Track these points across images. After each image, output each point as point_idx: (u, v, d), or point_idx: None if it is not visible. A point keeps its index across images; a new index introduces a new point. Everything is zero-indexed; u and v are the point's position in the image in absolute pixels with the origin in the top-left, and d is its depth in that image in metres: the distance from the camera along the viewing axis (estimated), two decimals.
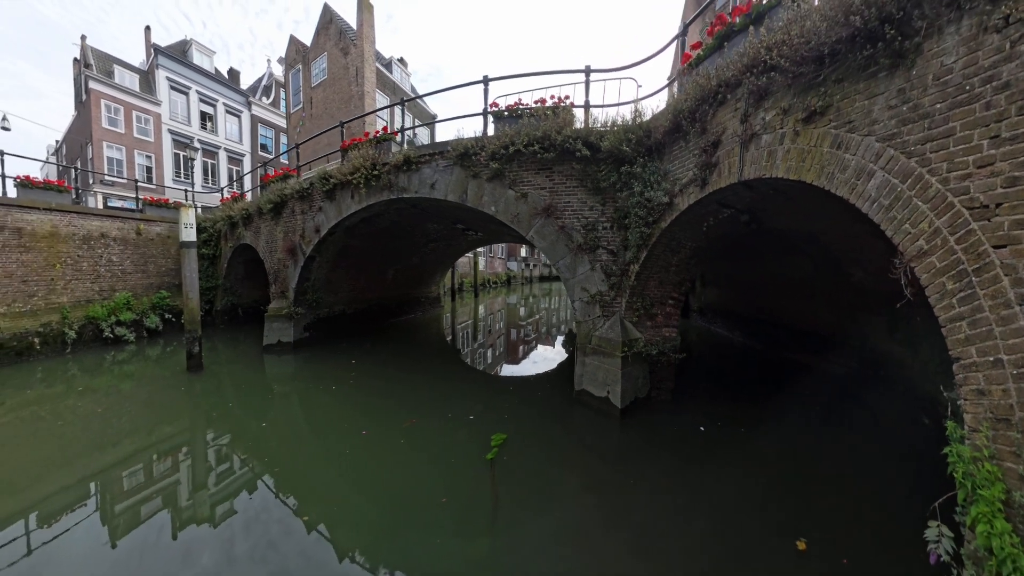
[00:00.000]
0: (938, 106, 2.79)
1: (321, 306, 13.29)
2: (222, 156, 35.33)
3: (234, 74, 37.45)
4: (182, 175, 32.85)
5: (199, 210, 19.22)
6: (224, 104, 34.80)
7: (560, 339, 15.81)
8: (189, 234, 9.76)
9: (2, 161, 12.55)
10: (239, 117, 36.23)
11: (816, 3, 3.66)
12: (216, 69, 35.48)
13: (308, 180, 11.29)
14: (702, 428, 6.44)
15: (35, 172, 42.78)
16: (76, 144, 32.91)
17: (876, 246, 5.03)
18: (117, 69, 29.12)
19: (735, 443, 6.07)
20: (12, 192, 12.60)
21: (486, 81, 8.24)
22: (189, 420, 7.56)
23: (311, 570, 3.74)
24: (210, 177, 34.81)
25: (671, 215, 5.59)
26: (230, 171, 36.10)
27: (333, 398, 8.24)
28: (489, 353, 13.64)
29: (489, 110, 8.17)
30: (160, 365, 11.30)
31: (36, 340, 11.29)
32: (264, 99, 37.94)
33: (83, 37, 28.82)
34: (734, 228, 5.94)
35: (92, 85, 27.82)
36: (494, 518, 4.35)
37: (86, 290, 13.11)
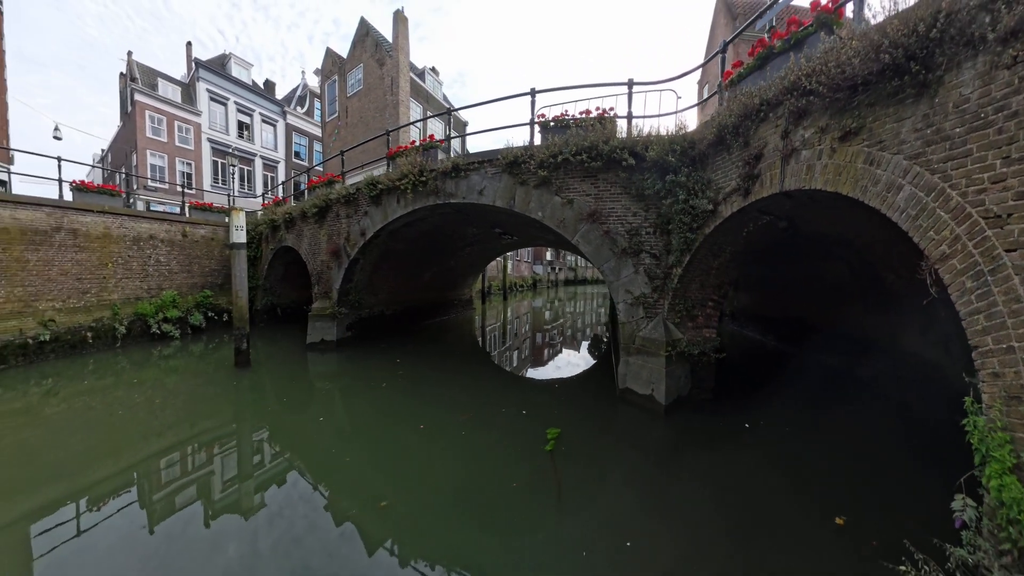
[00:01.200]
0: (957, 130, 3.17)
1: (362, 307, 13.89)
2: (258, 163, 36.57)
3: (270, 85, 38.81)
4: (220, 181, 34.16)
5: None
6: (260, 114, 36.09)
7: (586, 344, 16.30)
8: (239, 236, 10.30)
9: (59, 167, 13.50)
10: (274, 126, 37.49)
11: (848, 38, 4.04)
12: (253, 81, 36.79)
13: (355, 185, 11.84)
14: (747, 425, 6.76)
15: (82, 178, 44.82)
16: (121, 152, 34.40)
17: (907, 250, 5.42)
18: (160, 82, 30.58)
19: (775, 439, 6.42)
20: (68, 196, 13.50)
21: (533, 93, 8.77)
22: (245, 415, 8.03)
23: (403, 550, 4.11)
24: (246, 183, 36.03)
25: (715, 222, 5.99)
26: (265, 177, 37.32)
27: (385, 395, 8.66)
28: (525, 354, 14.15)
29: (536, 120, 8.68)
30: (205, 361, 11.96)
31: (89, 334, 12.16)
32: (299, 108, 39.19)
33: (129, 53, 30.25)
34: (771, 233, 6.34)
35: (137, 97, 29.23)
36: (560, 503, 4.76)
37: (135, 288, 14.01)
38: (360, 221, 11.71)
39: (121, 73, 32.64)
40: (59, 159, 13.62)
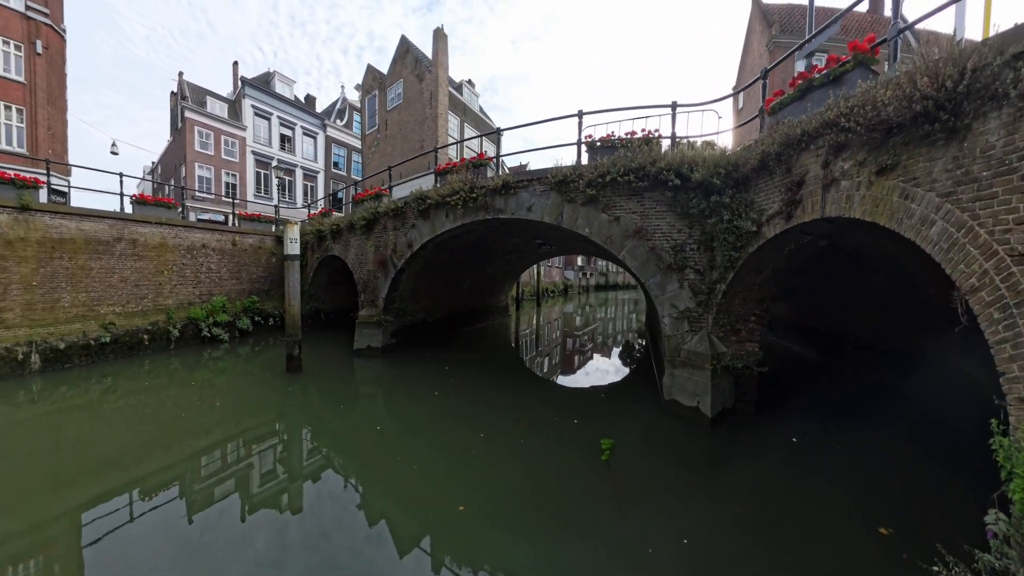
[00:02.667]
0: (984, 174, 3.46)
1: (406, 314, 14.51)
2: (298, 174, 37.90)
3: (310, 99, 40.29)
4: (263, 191, 35.51)
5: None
6: (302, 127, 37.47)
7: (622, 350, 16.69)
8: (293, 248, 10.96)
9: (121, 182, 14.51)
10: (315, 138, 38.84)
11: (883, 85, 4.35)
12: (295, 96, 38.29)
13: (403, 200, 12.42)
14: (794, 439, 6.96)
15: (134, 189, 46.85)
16: (171, 165, 36.08)
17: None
18: (209, 100, 32.16)
19: (821, 451, 6.63)
20: (128, 208, 14.51)
21: (580, 115, 9.25)
22: (302, 420, 8.51)
23: (485, 552, 4.51)
24: (287, 193, 37.38)
25: (758, 242, 6.31)
26: (305, 187, 38.65)
27: (440, 401, 9.07)
28: (566, 361, 14.66)
29: (584, 141, 9.13)
30: (253, 363, 12.78)
31: (145, 337, 13.08)
32: (338, 121, 40.53)
33: (180, 74, 31.89)
34: (812, 250, 6.60)
35: (187, 114, 30.74)
36: (621, 508, 5.21)
37: (188, 294, 14.95)
38: (407, 233, 12.31)
39: (172, 92, 34.41)
40: (120, 175, 14.62)
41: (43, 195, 12.95)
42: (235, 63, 35.08)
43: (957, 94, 3.60)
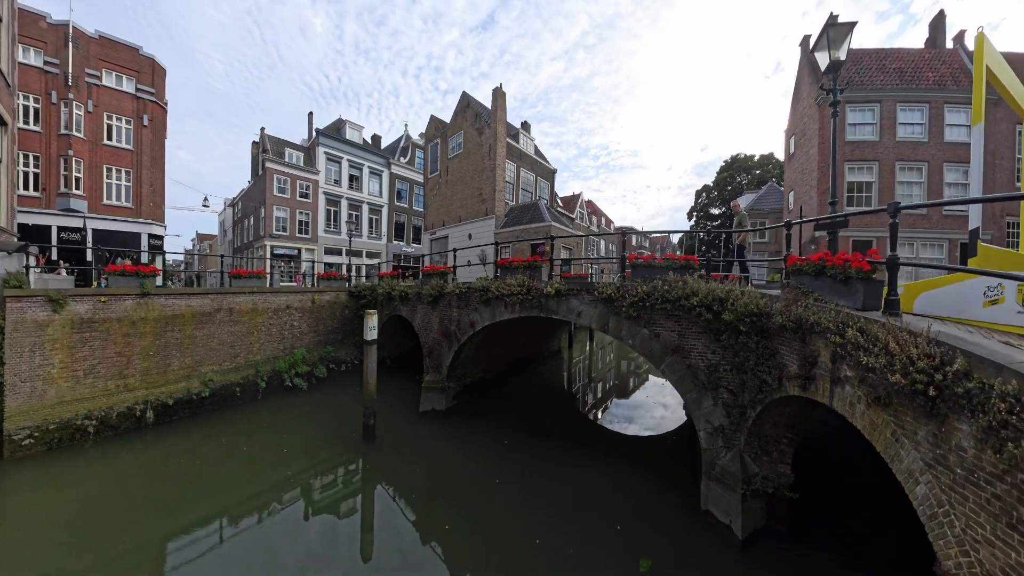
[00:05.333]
0: (958, 470, 3.54)
1: (467, 377, 15.76)
2: (364, 208, 40.48)
3: (376, 139, 43.04)
4: (332, 226, 38.12)
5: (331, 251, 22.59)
6: (369, 167, 40.17)
7: (660, 405, 17.14)
8: (372, 334, 12.39)
9: (221, 262, 16.48)
10: (380, 176, 41.45)
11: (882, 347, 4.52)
12: (364, 139, 40.87)
13: (467, 285, 13.63)
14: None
15: (214, 227, 51.17)
16: (251, 205, 39.30)
17: None
18: (287, 150, 35.05)
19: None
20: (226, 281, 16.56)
21: (623, 234, 10.27)
22: (385, 485, 9.86)
23: None
24: (355, 226, 40.01)
25: (779, 393, 6.77)
26: (371, 220, 41.11)
27: (491, 489, 9.67)
28: (612, 416, 15.54)
29: (628, 260, 10.05)
30: (330, 418, 14.26)
31: (238, 390, 14.95)
32: (401, 159, 43.01)
33: (262, 129, 35.09)
34: None
35: (268, 164, 33.74)
36: None
37: (273, 349, 16.78)
38: (470, 314, 13.51)
39: (254, 142, 37.70)
40: (222, 257, 16.81)
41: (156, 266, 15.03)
42: (310, 113, 38.00)
43: (943, 383, 3.72)
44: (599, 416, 15.61)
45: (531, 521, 8.17)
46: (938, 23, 24.76)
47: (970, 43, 23.31)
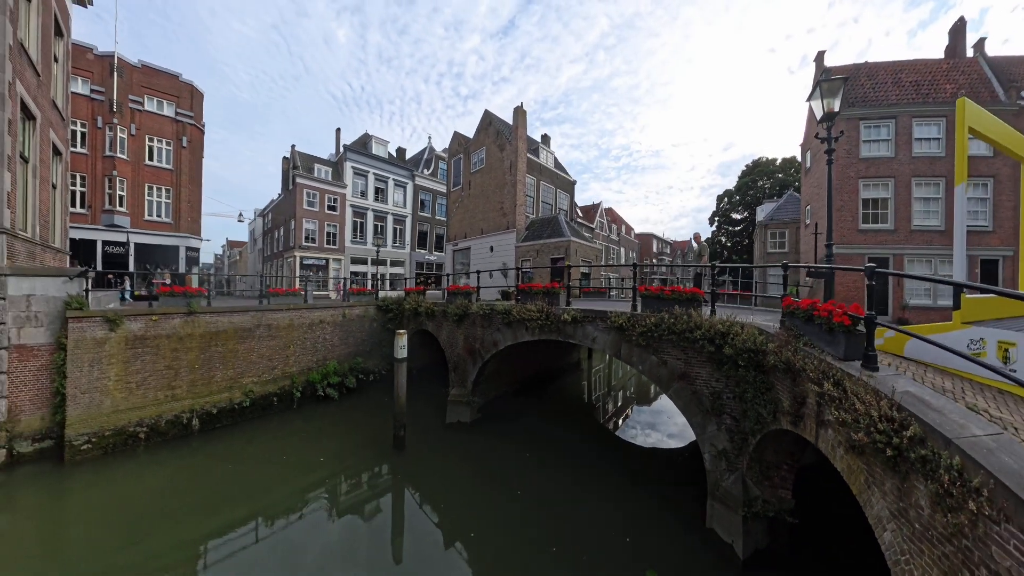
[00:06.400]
0: (916, 525, 3.80)
1: (490, 391, 16.65)
2: (389, 219, 41.73)
3: (400, 152, 44.29)
4: (358, 236, 39.39)
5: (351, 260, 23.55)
6: (393, 179, 41.49)
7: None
8: (402, 352, 13.34)
9: (262, 281, 17.57)
10: (404, 188, 42.73)
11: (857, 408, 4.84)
12: (389, 153, 42.22)
13: (490, 306, 14.52)
14: None
15: (243, 233, 53.09)
16: (281, 217, 40.81)
17: None
18: (316, 166, 36.54)
19: None
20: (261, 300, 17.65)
21: (635, 267, 10.96)
22: (414, 492, 10.74)
23: None
24: (380, 235, 41.29)
25: (775, 425, 7.23)
26: (395, 230, 42.36)
27: (514, 498, 10.43)
28: (628, 425, 16.12)
29: (639, 291, 10.76)
30: (361, 424, 15.34)
31: (275, 399, 16.15)
32: (425, 171, 44.23)
33: (293, 146, 36.69)
34: None
35: (298, 180, 35.20)
36: None
37: (308, 361, 17.83)
38: (493, 334, 14.37)
39: (285, 157, 39.21)
40: (262, 276, 17.75)
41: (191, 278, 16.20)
42: (338, 130, 39.48)
43: (903, 444, 4.03)
44: (616, 428, 16.30)
45: (548, 529, 8.95)
46: (958, 29, 24.45)
47: (991, 50, 23.04)
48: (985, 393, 5.03)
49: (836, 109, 8.52)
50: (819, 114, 8.69)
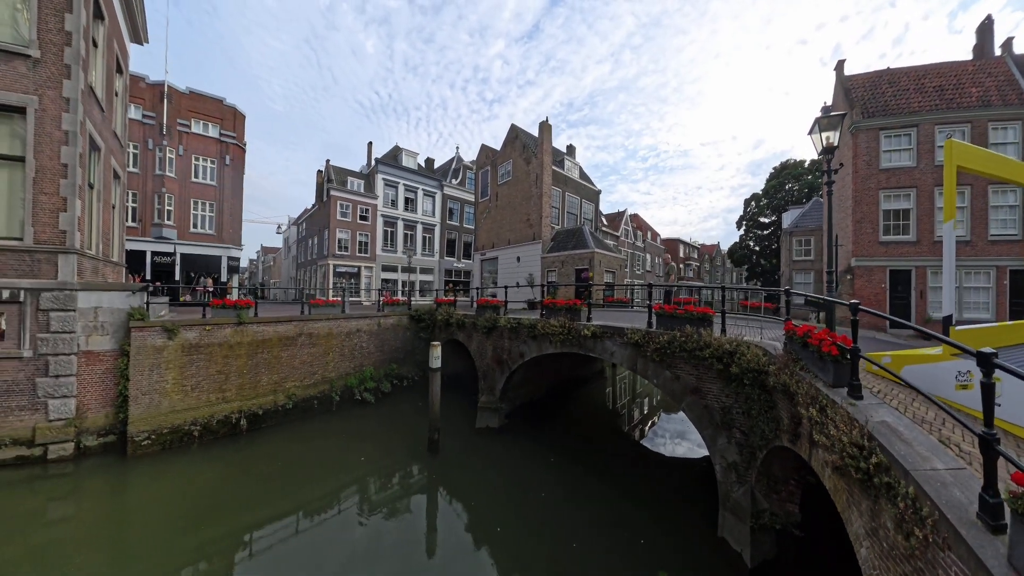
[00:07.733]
0: (884, 544, 4.04)
1: (517, 398, 17.50)
2: (419, 228, 43.04)
3: (429, 162, 45.70)
4: (389, 244, 40.80)
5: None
6: (423, 190, 42.84)
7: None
8: (436, 363, 14.27)
9: (299, 294, 18.77)
10: (433, 197, 44.04)
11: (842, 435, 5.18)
12: (419, 164, 43.56)
13: (516, 320, 15.41)
14: None
15: (278, 239, 55.11)
16: (315, 227, 42.50)
17: None
18: (349, 179, 38.15)
19: None
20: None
21: (650, 287, 11.68)
22: (447, 492, 11.54)
23: None
24: (410, 243, 42.63)
25: (778, 442, 7.67)
26: (424, 238, 43.65)
27: (538, 501, 11.11)
28: (649, 432, 16.55)
29: (654, 309, 11.48)
30: (397, 415, 16.96)
31: (315, 402, 17.31)
32: (453, 181, 45.51)
33: (327, 161, 38.30)
34: None
35: (332, 192, 36.79)
36: None
37: (345, 367, 18.99)
38: (520, 346, 15.25)
39: (319, 171, 40.88)
40: (300, 290, 18.99)
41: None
42: (369, 143, 41.13)
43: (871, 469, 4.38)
44: (639, 436, 16.96)
45: (570, 529, 9.69)
46: (985, 29, 23.64)
47: (1019, 48, 22.09)
48: (972, 424, 5.12)
49: (835, 144, 8.98)
50: (818, 148, 9.07)
